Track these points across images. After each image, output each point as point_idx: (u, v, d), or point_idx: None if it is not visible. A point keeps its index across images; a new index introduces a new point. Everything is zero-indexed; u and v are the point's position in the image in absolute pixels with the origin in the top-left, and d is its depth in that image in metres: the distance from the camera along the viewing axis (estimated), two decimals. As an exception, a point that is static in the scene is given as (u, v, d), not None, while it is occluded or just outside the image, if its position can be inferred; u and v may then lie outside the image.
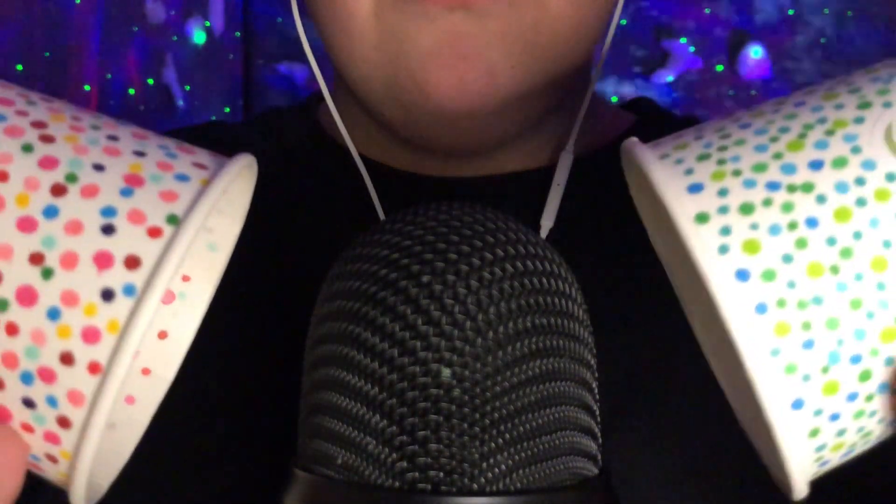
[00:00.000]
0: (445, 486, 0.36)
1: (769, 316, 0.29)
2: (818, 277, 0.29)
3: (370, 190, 0.58)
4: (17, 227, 0.29)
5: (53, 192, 0.30)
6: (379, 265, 0.38)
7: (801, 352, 0.29)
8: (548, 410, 0.37)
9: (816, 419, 0.30)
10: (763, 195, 0.30)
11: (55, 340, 0.29)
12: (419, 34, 0.53)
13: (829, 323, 0.29)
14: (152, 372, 0.38)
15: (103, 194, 0.30)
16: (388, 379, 0.36)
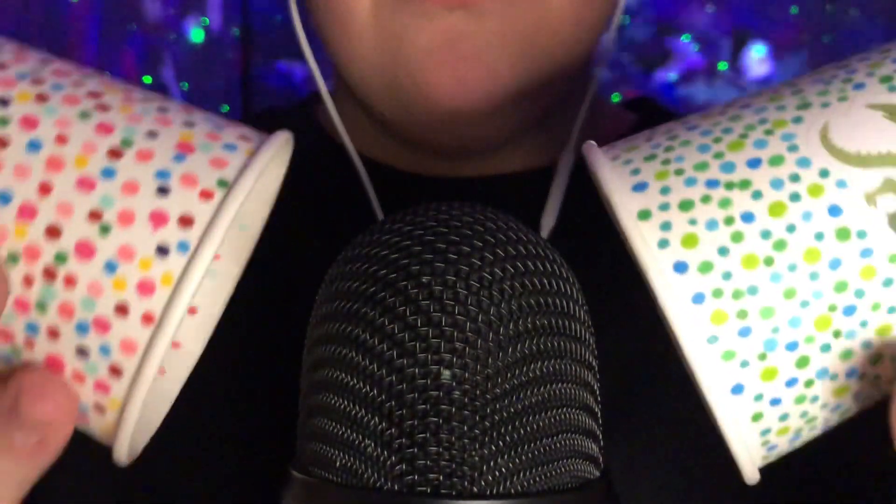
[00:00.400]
0: (445, 489, 0.36)
1: (706, 305, 0.31)
2: (753, 269, 0.31)
3: (369, 190, 0.58)
4: (77, 187, 0.31)
5: (110, 156, 0.32)
6: (378, 265, 0.37)
7: (738, 339, 0.31)
8: (549, 412, 0.37)
9: (757, 404, 0.32)
10: (702, 192, 0.32)
11: (111, 292, 0.31)
12: (418, 34, 0.53)
13: (764, 312, 0.31)
14: (182, 346, 0.40)
15: (157, 159, 0.32)
16: (387, 380, 0.36)
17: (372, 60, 0.54)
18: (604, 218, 0.58)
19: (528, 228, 0.39)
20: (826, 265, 0.30)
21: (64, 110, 0.32)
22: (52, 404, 0.33)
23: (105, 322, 0.32)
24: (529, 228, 0.39)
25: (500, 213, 0.39)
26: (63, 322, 0.32)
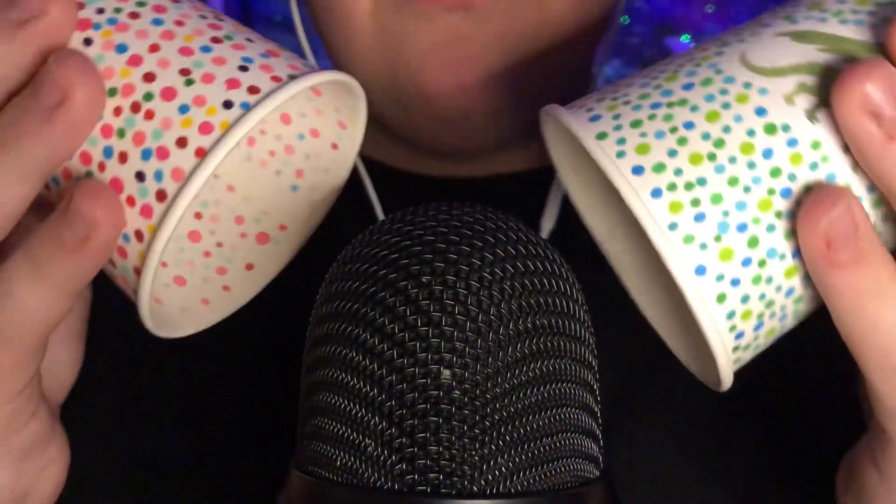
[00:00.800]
0: (445, 489, 0.36)
1: (664, 198, 0.36)
2: (699, 164, 0.36)
3: (369, 190, 0.58)
4: (178, 52, 0.38)
5: (212, 41, 0.39)
6: (378, 265, 0.37)
7: (695, 224, 0.36)
8: (549, 412, 0.37)
9: (720, 284, 0.36)
10: (648, 112, 0.37)
11: (178, 127, 0.37)
12: (418, 35, 0.53)
13: (714, 198, 0.36)
14: (231, 290, 0.46)
15: (247, 51, 0.39)
16: (387, 380, 0.36)
17: (372, 61, 0.54)
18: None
19: (529, 228, 0.39)
20: (760, 155, 0.36)
21: (188, 10, 0.41)
22: (101, 206, 0.37)
23: (166, 151, 0.37)
24: (529, 228, 0.39)
25: (501, 213, 0.39)
26: (133, 147, 0.38)
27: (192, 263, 0.46)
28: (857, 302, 0.36)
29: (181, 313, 0.44)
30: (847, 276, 0.36)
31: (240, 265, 0.46)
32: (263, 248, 0.46)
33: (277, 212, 0.46)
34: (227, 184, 0.47)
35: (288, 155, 0.46)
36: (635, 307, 0.53)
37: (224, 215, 0.47)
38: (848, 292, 0.36)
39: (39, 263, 0.38)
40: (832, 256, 0.36)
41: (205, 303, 0.45)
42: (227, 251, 0.46)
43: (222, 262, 0.46)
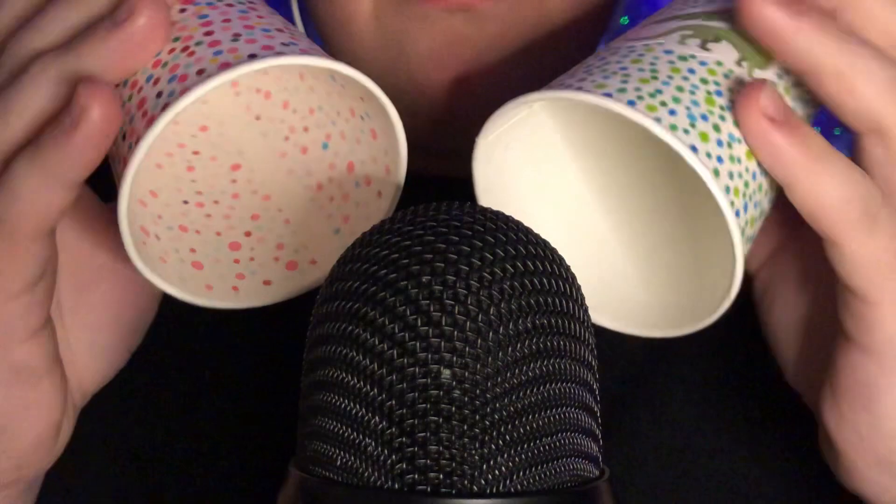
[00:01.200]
0: (445, 488, 0.36)
1: (638, 105, 0.41)
2: (649, 83, 0.42)
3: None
4: (242, 26, 0.43)
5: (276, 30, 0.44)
6: (378, 265, 0.37)
7: (672, 117, 0.41)
8: (549, 412, 0.37)
9: (711, 161, 0.41)
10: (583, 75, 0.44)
11: (205, 62, 0.42)
12: (419, 36, 0.53)
13: (674, 99, 0.41)
14: (239, 292, 0.48)
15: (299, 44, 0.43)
16: (388, 380, 0.36)
17: (373, 63, 0.54)
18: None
19: (528, 228, 0.39)
20: (687, 72, 0.43)
21: (278, 20, 0.45)
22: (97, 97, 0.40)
23: (185, 76, 0.41)
24: (529, 228, 0.39)
25: (500, 213, 0.39)
26: (167, 74, 0.42)
27: (218, 261, 0.48)
28: (806, 165, 0.40)
29: (179, 281, 0.46)
30: (792, 143, 0.40)
31: (259, 279, 0.48)
32: (287, 274, 0.48)
33: (315, 248, 0.48)
34: (286, 217, 0.49)
35: (343, 202, 0.49)
36: None
37: (270, 240, 0.49)
38: (797, 157, 0.40)
39: (38, 149, 0.40)
40: (776, 127, 0.40)
41: (208, 289, 0.47)
42: (256, 266, 0.48)
43: (246, 272, 0.48)
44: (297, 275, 0.49)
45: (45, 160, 0.40)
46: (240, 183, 0.50)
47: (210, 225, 0.49)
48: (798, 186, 0.40)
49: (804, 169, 0.40)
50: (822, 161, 0.40)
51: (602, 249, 0.49)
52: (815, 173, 0.40)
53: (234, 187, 0.50)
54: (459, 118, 0.54)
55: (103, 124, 0.40)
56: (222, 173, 0.50)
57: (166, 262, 0.46)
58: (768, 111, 0.40)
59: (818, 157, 0.40)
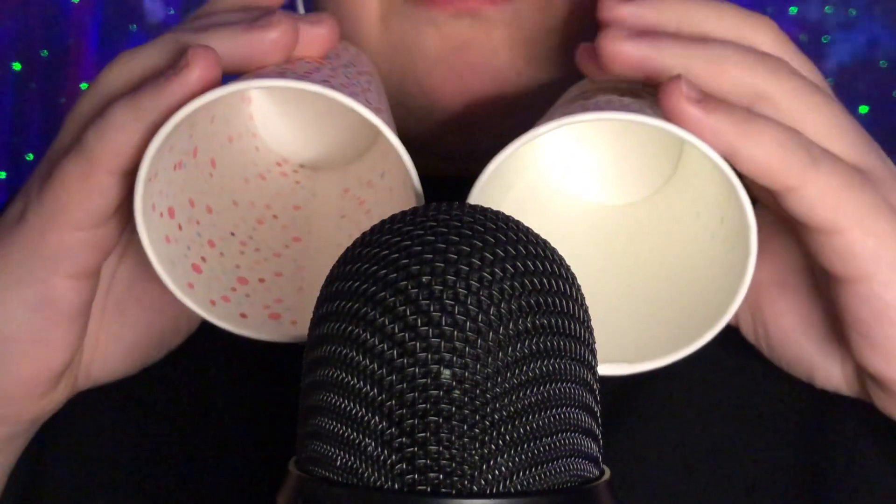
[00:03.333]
0: (445, 488, 0.36)
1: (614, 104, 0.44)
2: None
3: (369, 189, 0.58)
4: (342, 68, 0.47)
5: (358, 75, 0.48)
6: (378, 265, 0.37)
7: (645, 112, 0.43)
8: (549, 412, 0.37)
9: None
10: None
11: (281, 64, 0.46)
12: (426, 41, 0.53)
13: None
14: (247, 318, 0.48)
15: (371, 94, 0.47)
16: (387, 380, 0.36)
17: (379, 67, 0.55)
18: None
19: (529, 228, 0.39)
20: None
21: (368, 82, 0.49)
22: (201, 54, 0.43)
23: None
24: (529, 228, 0.39)
25: (501, 213, 0.39)
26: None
27: (242, 283, 0.49)
28: (743, 131, 0.42)
29: (187, 288, 0.46)
30: (724, 117, 0.42)
31: (270, 311, 0.49)
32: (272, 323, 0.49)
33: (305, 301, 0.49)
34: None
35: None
36: None
37: (269, 278, 0.50)
38: (734, 127, 0.42)
39: (137, 93, 0.44)
40: (703, 108, 0.42)
41: (212, 303, 0.47)
42: (278, 305, 0.49)
43: (266, 301, 0.49)
44: (275, 324, 0.49)
45: (140, 101, 0.43)
46: (292, 249, 0.51)
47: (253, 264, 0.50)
48: (742, 152, 0.42)
49: (742, 134, 0.42)
50: (751, 122, 0.42)
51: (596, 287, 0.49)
52: (751, 134, 0.42)
53: (286, 250, 0.51)
54: (466, 122, 0.54)
55: (200, 81, 0.42)
56: (282, 236, 0.51)
57: (176, 265, 0.46)
58: (692, 96, 0.42)
59: (747, 119, 0.43)
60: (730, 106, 0.43)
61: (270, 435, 0.51)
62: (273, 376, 0.55)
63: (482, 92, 0.53)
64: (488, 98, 0.53)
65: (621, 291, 0.49)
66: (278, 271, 0.50)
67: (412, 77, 0.54)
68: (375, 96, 0.48)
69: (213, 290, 0.47)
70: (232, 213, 0.51)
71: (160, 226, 0.45)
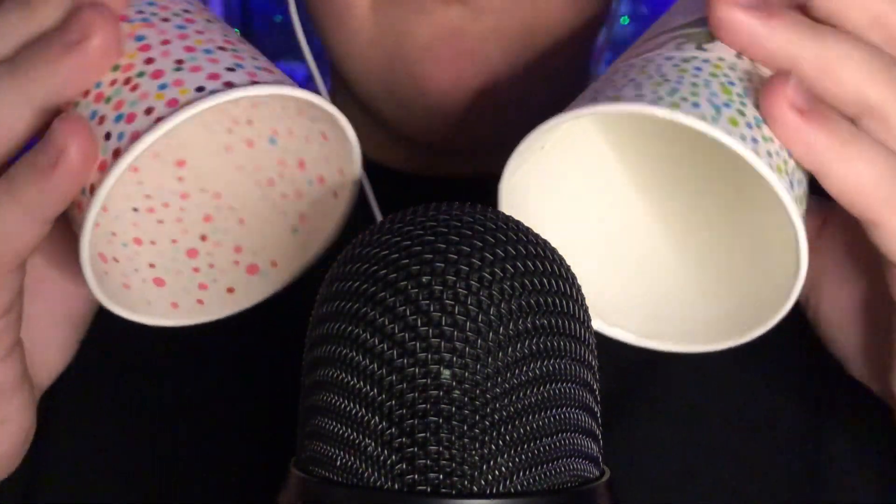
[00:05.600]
0: (445, 488, 0.36)
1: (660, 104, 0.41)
2: (663, 85, 0.42)
3: (367, 189, 0.58)
4: (183, 49, 0.42)
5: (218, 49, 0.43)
6: (378, 266, 0.37)
7: (697, 109, 0.40)
8: (549, 412, 0.37)
9: (747, 143, 0.40)
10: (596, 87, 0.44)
11: (151, 99, 0.41)
12: (416, 28, 0.53)
13: (692, 93, 0.41)
14: (205, 305, 0.48)
15: (245, 62, 0.43)
16: (387, 380, 0.36)
17: (370, 56, 0.54)
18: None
19: (528, 228, 0.39)
20: (694, 70, 0.42)
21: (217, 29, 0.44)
22: (74, 135, 0.40)
23: (134, 116, 0.41)
24: (529, 228, 0.39)
25: (500, 212, 0.39)
26: (111, 112, 0.41)
27: (179, 273, 0.48)
28: (838, 152, 0.40)
29: (145, 305, 0.46)
30: (823, 133, 0.40)
31: (222, 287, 0.48)
32: (249, 278, 0.48)
33: (274, 249, 0.48)
34: (241, 216, 0.49)
35: (297, 199, 0.48)
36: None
37: (227, 243, 0.49)
38: (829, 145, 0.40)
39: (14, 185, 0.40)
40: (805, 119, 0.40)
41: (173, 306, 0.47)
42: (216, 273, 0.48)
43: (207, 280, 0.48)
44: (259, 279, 0.49)
45: (23, 198, 0.40)
46: (187, 181, 0.49)
47: (164, 232, 0.48)
48: (832, 174, 0.40)
49: (837, 156, 0.40)
50: (851, 145, 0.40)
51: (649, 264, 0.49)
52: (848, 159, 0.40)
53: (182, 186, 0.49)
54: (457, 111, 0.54)
55: (81, 163, 0.40)
56: (168, 172, 0.50)
57: (130, 288, 0.46)
58: (797, 103, 0.40)
59: (847, 141, 0.40)
60: (834, 122, 0.40)
61: (270, 435, 0.51)
62: (273, 376, 0.55)
63: (473, 81, 0.53)
64: (480, 88, 0.53)
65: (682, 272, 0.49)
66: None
67: (402, 65, 0.54)
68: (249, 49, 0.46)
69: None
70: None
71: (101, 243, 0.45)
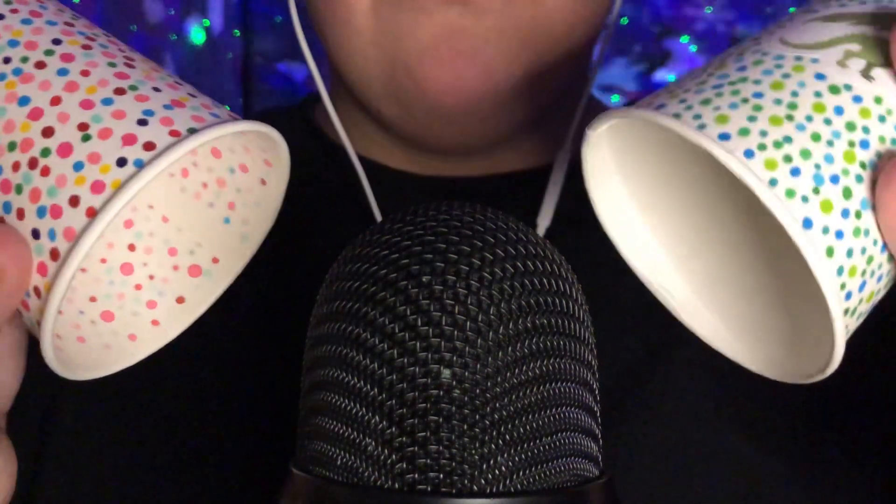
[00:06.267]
0: (445, 488, 0.36)
1: (757, 157, 0.36)
2: (780, 125, 0.37)
3: (366, 189, 0.58)
4: (79, 105, 0.38)
5: (115, 92, 0.39)
6: (378, 265, 0.37)
7: (793, 178, 0.36)
8: (548, 411, 0.37)
9: (826, 238, 0.36)
10: (714, 92, 0.39)
11: (72, 186, 0.37)
12: (416, 29, 0.53)
13: (804, 153, 0.36)
14: (161, 325, 0.46)
15: (150, 103, 0.39)
16: (388, 379, 0.36)
17: (370, 56, 0.55)
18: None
19: (528, 228, 0.39)
20: (833, 112, 0.37)
21: (98, 56, 0.40)
22: (8, 252, 0.37)
23: (59, 210, 0.37)
24: (529, 228, 0.39)
25: (500, 212, 0.39)
26: (30, 205, 0.38)
27: (122, 296, 0.45)
28: None
29: (104, 351, 0.44)
30: None
31: (171, 298, 0.46)
32: (195, 281, 0.46)
33: (210, 244, 0.46)
34: (162, 214, 0.46)
35: (220, 188, 0.46)
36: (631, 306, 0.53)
37: (158, 247, 0.46)
38: None
39: None
40: None
41: (132, 338, 0.45)
42: (159, 283, 0.46)
43: (153, 295, 0.46)
44: (205, 280, 0.46)
45: None
46: None
47: (91, 255, 0.45)
48: None
49: None
50: None
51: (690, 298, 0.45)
52: None
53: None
54: (457, 112, 0.54)
55: (19, 280, 0.38)
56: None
57: (85, 340, 0.43)
58: None
59: None
60: None
61: (270, 435, 0.51)
62: (273, 376, 0.55)
63: (473, 81, 0.53)
64: (478, 88, 0.53)
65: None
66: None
67: (403, 66, 0.54)
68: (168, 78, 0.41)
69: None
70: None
71: None
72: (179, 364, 0.57)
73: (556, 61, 0.55)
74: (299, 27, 0.60)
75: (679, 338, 0.45)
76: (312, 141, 0.63)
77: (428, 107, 0.54)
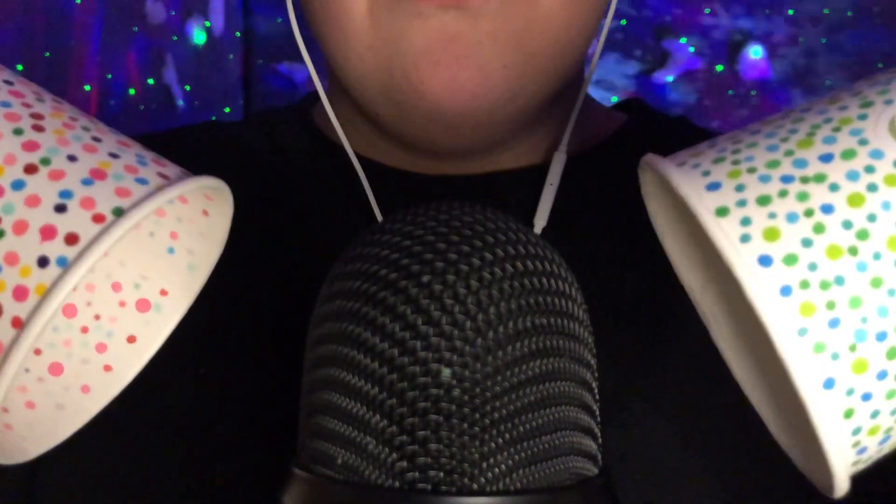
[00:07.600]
0: (445, 486, 0.36)
1: (794, 297, 0.30)
2: (838, 259, 0.30)
3: (366, 188, 0.58)
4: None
5: (26, 171, 0.34)
6: (379, 265, 0.38)
7: (828, 331, 0.30)
8: (548, 410, 0.37)
9: (849, 399, 0.31)
10: (778, 187, 0.32)
11: (9, 299, 0.33)
12: (413, 33, 0.53)
13: (853, 301, 0.30)
14: (114, 370, 0.42)
15: (67, 180, 0.35)
16: (388, 379, 0.36)
17: (368, 60, 0.55)
18: (595, 216, 0.58)
19: (528, 228, 0.39)
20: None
21: (1, 123, 0.35)
22: None
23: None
24: (529, 228, 0.40)
25: (500, 213, 0.39)
26: None
27: (68, 343, 0.43)
28: None
29: (57, 412, 0.41)
30: None
31: (121, 338, 0.43)
32: (145, 317, 0.43)
33: (156, 276, 0.43)
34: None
35: (160, 217, 0.43)
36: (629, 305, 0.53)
37: (100, 283, 0.43)
38: None
39: None
40: None
41: (85, 391, 0.42)
42: (107, 323, 0.43)
43: (101, 337, 0.43)
44: (155, 315, 0.43)
45: None
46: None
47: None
48: None
49: None
50: None
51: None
52: None
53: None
54: (453, 115, 0.54)
55: None
56: None
57: (35, 406, 0.41)
58: None
59: None
60: None
61: (272, 434, 0.51)
62: (274, 375, 0.55)
63: (470, 84, 0.53)
64: (474, 91, 0.53)
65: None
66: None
67: (400, 70, 0.54)
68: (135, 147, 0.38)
69: None
70: None
71: None
72: (180, 364, 0.57)
73: (551, 64, 0.55)
74: (297, 28, 0.60)
75: (677, 336, 0.46)
76: (312, 140, 0.63)
77: (425, 110, 0.54)
